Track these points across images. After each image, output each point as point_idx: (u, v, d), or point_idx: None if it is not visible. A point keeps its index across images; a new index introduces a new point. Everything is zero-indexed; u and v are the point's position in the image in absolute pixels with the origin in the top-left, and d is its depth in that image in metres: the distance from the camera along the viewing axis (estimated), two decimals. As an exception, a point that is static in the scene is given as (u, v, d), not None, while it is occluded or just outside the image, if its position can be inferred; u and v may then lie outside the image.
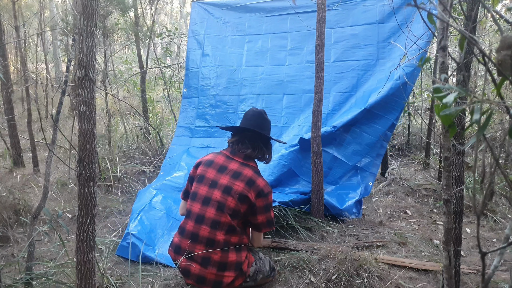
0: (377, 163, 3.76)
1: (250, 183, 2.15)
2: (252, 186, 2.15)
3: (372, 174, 3.71)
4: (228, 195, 2.14)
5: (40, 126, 4.44)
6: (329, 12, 3.83)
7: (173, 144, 4.24)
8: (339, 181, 3.68)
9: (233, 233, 2.15)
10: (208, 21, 4.64)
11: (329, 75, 3.93)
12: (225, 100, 4.26)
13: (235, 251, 2.16)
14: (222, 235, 2.11)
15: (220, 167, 2.23)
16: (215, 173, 2.22)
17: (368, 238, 3.08)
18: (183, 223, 2.25)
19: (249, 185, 2.14)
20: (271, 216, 2.23)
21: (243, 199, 2.13)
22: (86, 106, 1.61)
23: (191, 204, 2.23)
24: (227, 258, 2.12)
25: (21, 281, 2.18)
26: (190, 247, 2.13)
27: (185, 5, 19.58)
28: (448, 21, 1.12)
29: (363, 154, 3.71)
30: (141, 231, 2.91)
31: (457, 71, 1.84)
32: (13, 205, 3.34)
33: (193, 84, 4.46)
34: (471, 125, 0.98)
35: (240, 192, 2.13)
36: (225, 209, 2.12)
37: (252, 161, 2.28)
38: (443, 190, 1.40)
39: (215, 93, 4.32)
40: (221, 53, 4.49)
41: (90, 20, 1.59)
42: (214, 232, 2.11)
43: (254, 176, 2.18)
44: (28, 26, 9.81)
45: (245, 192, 2.13)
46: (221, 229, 2.12)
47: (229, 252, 2.13)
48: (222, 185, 2.16)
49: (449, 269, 1.37)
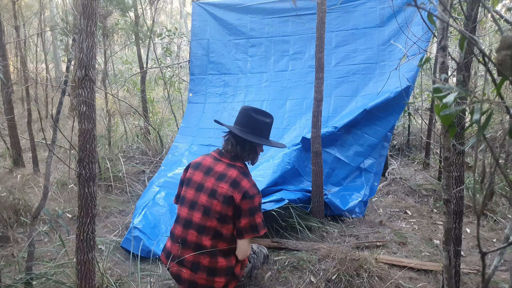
0: (381, 164, 3.79)
1: (234, 184, 2.03)
2: (237, 187, 2.03)
3: (376, 175, 3.75)
4: (213, 199, 2.05)
5: (40, 126, 4.44)
6: (330, 15, 3.87)
7: (176, 142, 4.30)
8: (342, 182, 3.71)
9: (220, 239, 2.06)
10: (210, 24, 4.68)
11: (330, 79, 3.99)
12: (232, 107, 4.37)
13: (223, 256, 2.07)
14: (208, 240, 2.03)
15: (207, 169, 2.14)
16: (202, 176, 2.13)
17: (368, 238, 3.08)
18: (173, 228, 2.19)
19: (233, 187, 2.03)
20: (256, 221, 2.05)
21: (228, 201, 2.02)
22: (86, 106, 1.61)
23: (179, 208, 2.17)
24: (216, 263, 2.05)
25: (21, 281, 2.18)
26: (179, 252, 2.08)
27: (185, 5, 19.57)
28: (448, 21, 1.12)
29: (365, 155, 3.73)
30: (145, 225, 2.98)
31: (457, 71, 1.84)
32: (13, 205, 3.34)
33: (200, 91, 4.60)
34: (471, 125, 0.98)
35: (224, 194, 2.02)
36: (211, 213, 2.03)
37: (240, 162, 2.15)
38: (443, 190, 1.40)
39: (223, 100, 4.46)
40: (227, 60, 4.60)
41: (90, 20, 1.59)
42: (201, 237, 2.04)
43: (239, 177, 2.06)
44: (28, 26, 9.81)
45: (229, 193, 2.02)
46: (207, 234, 2.04)
47: (217, 257, 2.06)
48: (208, 188, 2.08)
49: (449, 269, 1.38)
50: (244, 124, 2.16)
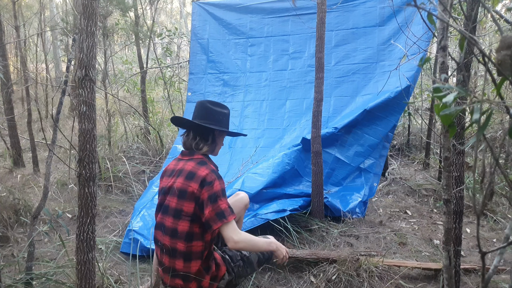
0: (381, 164, 3.79)
1: (189, 176, 1.90)
2: (192, 178, 1.88)
3: (376, 175, 3.74)
4: (173, 196, 1.94)
5: (40, 126, 4.44)
6: (329, 14, 3.86)
7: (176, 144, 4.27)
8: (342, 182, 3.70)
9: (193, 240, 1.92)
10: (210, 24, 4.67)
11: (330, 79, 3.99)
12: (231, 107, 4.32)
13: (183, 259, 1.94)
14: (182, 244, 1.91)
15: (171, 172, 2.05)
16: (167, 180, 2.03)
17: (368, 238, 3.08)
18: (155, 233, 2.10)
19: (188, 179, 1.89)
20: (221, 207, 1.84)
21: (184, 196, 1.89)
22: (86, 106, 1.61)
23: (155, 214, 2.09)
24: (190, 267, 1.93)
25: (21, 281, 2.18)
26: (161, 257, 2.02)
27: (185, 5, 19.58)
28: (448, 21, 1.12)
29: (365, 156, 3.73)
30: (143, 227, 2.97)
31: (457, 71, 1.84)
32: (13, 205, 3.34)
33: (199, 90, 4.57)
34: (471, 125, 0.98)
35: (180, 189, 1.90)
36: (182, 214, 1.90)
37: (197, 154, 2.01)
38: (443, 190, 1.40)
39: (222, 100, 4.42)
40: (226, 60, 4.57)
41: (90, 20, 1.59)
42: (175, 241, 1.93)
43: (195, 167, 1.92)
44: (28, 26, 9.81)
45: (185, 187, 1.88)
46: (180, 238, 1.92)
47: (191, 261, 1.93)
48: (171, 188, 1.97)
49: (449, 269, 1.37)
50: (202, 116, 2.05)
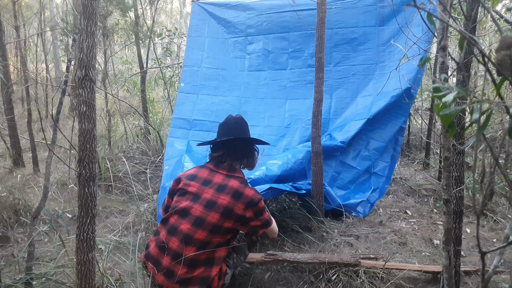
0: (392, 167, 3.80)
1: (236, 196, 2.01)
2: (240, 198, 2.00)
3: (388, 178, 3.76)
4: (210, 210, 1.99)
5: (40, 126, 4.44)
6: (329, 12, 3.84)
7: (170, 136, 4.11)
8: (350, 186, 3.71)
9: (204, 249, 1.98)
10: (209, 24, 4.63)
11: (330, 80, 3.97)
12: (227, 100, 4.27)
13: (204, 266, 1.99)
14: (191, 251, 1.95)
15: (204, 181, 2.09)
16: (198, 187, 2.08)
17: (368, 238, 3.08)
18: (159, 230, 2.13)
19: (235, 198, 2.00)
20: (265, 218, 2.09)
21: (228, 214, 1.98)
22: (86, 106, 1.61)
23: (168, 215, 2.10)
24: (193, 273, 1.96)
25: (21, 281, 2.18)
26: (158, 255, 2.02)
27: (185, 5, 19.57)
28: (448, 21, 1.12)
29: (372, 159, 3.74)
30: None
31: (457, 71, 1.84)
32: (13, 205, 3.35)
33: (192, 81, 4.40)
34: (471, 125, 0.98)
35: (225, 206, 1.98)
36: (204, 224, 1.97)
37: (238, 172, 2.15)
38: (443, 190, 1.40)
39: (219, 93, 4.33)
40: (224, 58, 4.50)
41: (90, 20, 1.59)
42: (183, 247, 1.96)
43: (240, 187, 2.04)
44: (28, 26, 9.82)
45: (231, 206, 1.99)
46: (193, 245, 1.96)
47: (196, 268, 1.97)
48: (205, 199, 2.02)
49: (449, 269, 1.38)
50: (227, 133, 2.17)
